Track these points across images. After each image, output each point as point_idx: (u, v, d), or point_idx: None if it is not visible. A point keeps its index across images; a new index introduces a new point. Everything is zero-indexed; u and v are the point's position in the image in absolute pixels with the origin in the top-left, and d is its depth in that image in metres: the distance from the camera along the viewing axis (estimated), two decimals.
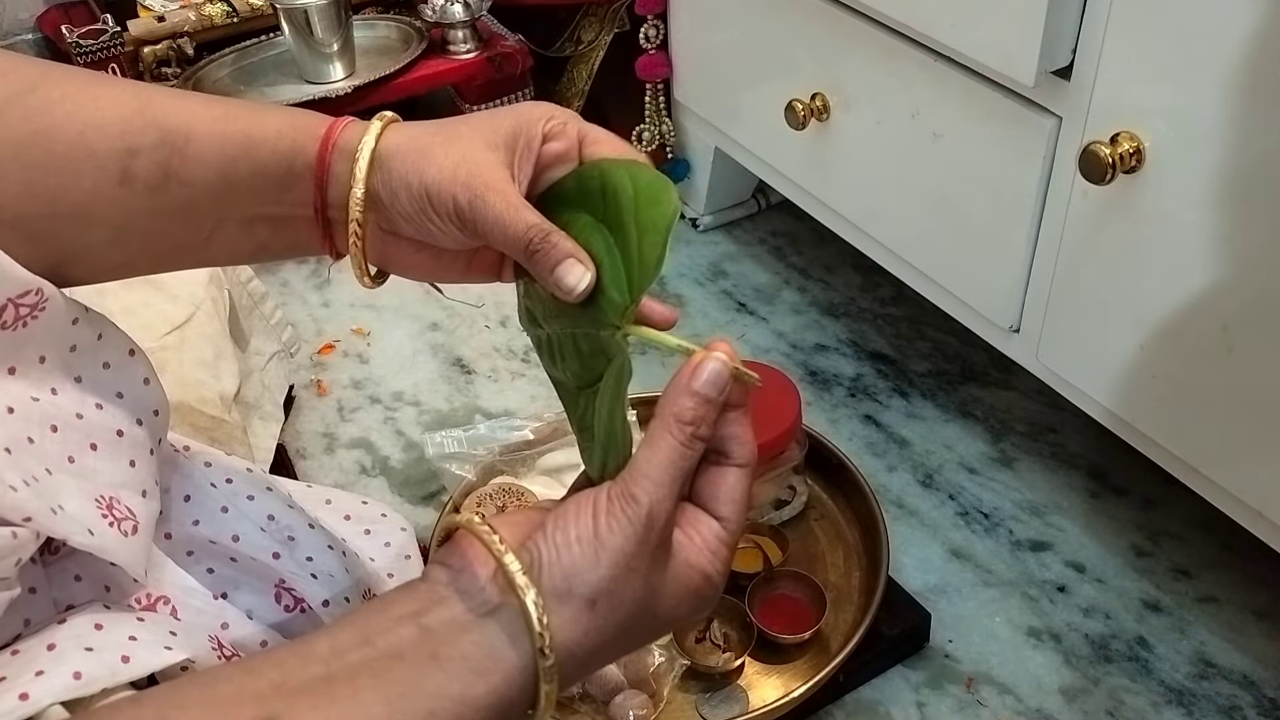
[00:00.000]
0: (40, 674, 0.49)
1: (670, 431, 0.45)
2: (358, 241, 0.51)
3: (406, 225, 0.51)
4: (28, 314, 0.49)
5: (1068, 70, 0.85)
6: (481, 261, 0.55)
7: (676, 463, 0.45)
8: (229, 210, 0.51)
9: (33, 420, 0.51)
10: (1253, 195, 0.74)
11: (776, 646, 0.92)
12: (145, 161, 0.49)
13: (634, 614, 0.45)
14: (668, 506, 0.45)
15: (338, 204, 0.51)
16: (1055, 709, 0.91)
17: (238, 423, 0.86)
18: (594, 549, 0.44)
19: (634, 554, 0.44)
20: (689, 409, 0.45)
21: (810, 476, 1.05)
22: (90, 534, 0.50)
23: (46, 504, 0.49)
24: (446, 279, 0.55)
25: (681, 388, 0.46)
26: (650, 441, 0.46)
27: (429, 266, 0.54)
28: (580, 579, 0.44)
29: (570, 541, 0.45)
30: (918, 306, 1.31)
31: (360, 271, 0.53)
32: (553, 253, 0.48)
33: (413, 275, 0.55)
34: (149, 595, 0.59)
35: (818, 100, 1.10)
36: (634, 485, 0.45)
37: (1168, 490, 1.05)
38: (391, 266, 0.54)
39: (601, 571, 0.44)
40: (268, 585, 0.64)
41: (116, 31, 1.34)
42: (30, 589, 0.54)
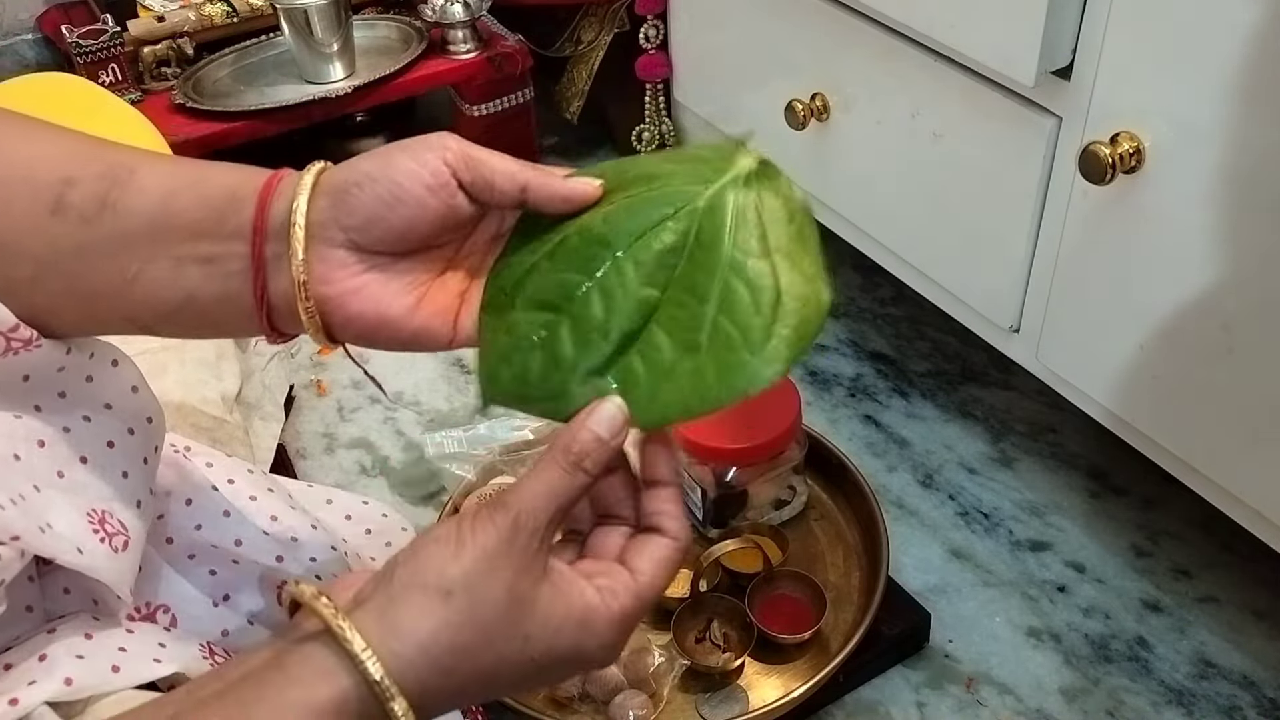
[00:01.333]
0: (32, 684, 0.49)
1: (554, 458, 0.46)
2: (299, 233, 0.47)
3: (366, 191, 0.47)
4: (21, 347, 0.49)
5: (1068, 70, 0.85)
6: (433, 304, 0.50)
7: (553, 484, 0.45)
8: (160, 247, 0.48)
9: (18, 437, 0.50)
10: (1253, 195, 0.74)
11: (776, 646, 0.92)
12: (82, 191, 0.47)
13: (499, 622, 0.44)
14: (540, 520, 0.44)
15: (279, 224, 0.48)
16: (1055, 709, 0.91)
17: (239, 423, 0.86)
18: (454, 545, 0.44)
19: (496, 553, 0.44)
20: (577, 440, 0.46)
21: (810, 476, 1.05)
22: (79, 552, 0.50)
23: (34, 522, 0.48)
24: (393, 327, 0.50)
25: (576, 423, 0.46)
26: (534, 467, 0.46)
27: (375, 295, 0.49)
28: (437, 570, 0.43)
29: (429, 539, 0.45)
30: (918, 306, 1.31)
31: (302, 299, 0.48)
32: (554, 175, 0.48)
33: (357, 310, 0.49)
34: (148, 605, 0.59)
35: (818, 100, 1.10)
36: (505, 496, 0.45)
37: (1168, 490, 1.05)
38: (332, 300, 0.48)
39: (461, 564, 0.43)
40: (270, 587, 0.64)
41: (116, 31, 1.34)
42: (27, 607, 0.54)
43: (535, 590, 0.45)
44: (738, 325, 0.46)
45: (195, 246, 0.48)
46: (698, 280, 0.47)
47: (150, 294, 0.48)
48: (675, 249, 0.47)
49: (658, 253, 0.47)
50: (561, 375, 0.48)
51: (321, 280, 0.48)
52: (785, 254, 0.47)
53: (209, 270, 0.48)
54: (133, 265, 0.48)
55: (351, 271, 0.48)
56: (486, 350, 0.50)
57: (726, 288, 0.47)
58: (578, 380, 0.47)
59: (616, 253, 0.48)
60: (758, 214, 0.48)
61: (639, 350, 0.47)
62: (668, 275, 0.47)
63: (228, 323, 0.50)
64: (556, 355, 0.48)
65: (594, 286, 0.48)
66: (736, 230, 0.48)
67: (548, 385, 0.48)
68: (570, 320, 0.48)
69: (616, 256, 0.48)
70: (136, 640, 0.54)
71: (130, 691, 0.52)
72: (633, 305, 0.47)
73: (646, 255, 0.48)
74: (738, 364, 0.46)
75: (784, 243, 0.48)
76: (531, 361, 0.48)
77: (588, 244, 0.48)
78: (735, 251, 0.47)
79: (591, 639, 0.46)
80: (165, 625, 0.59)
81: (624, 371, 0.47)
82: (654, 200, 0.48)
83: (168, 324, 0.50)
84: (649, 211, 0.48)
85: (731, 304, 0.47)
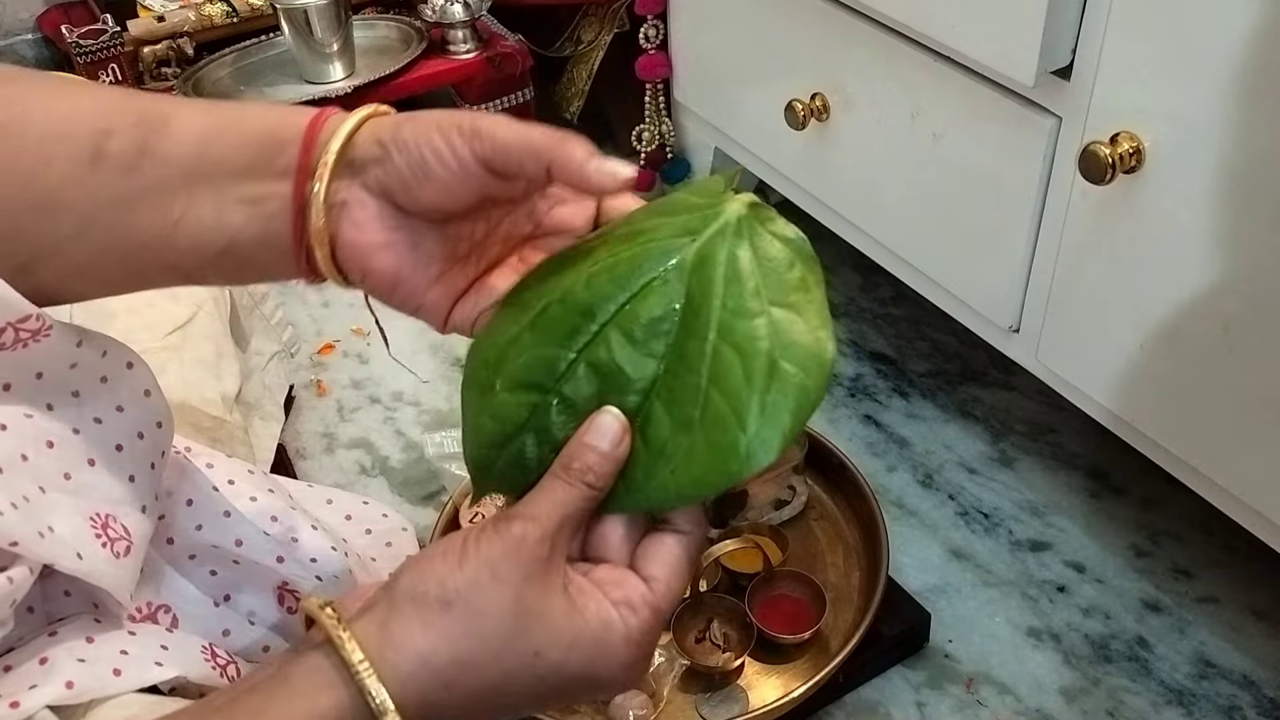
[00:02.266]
0: (34, 687, 0.49)
1: (557, 474, 0.45)
2: (325, 171, 0.47)
3: (404, 159, 0.46)
4: (29, 337, 0.49)
5: (1068, 70, 0.85)
6: (448, 284, 0.50)
7: (558, 497, 0.44)
8: (202, 190, 0.48)
9: (27, 437, 0.50)
10: (1253, 195, 0.74)
11: (776, 646, 0.92)
12: (120, 140, 0.47)
13: (504, 634, 0.43)
14: (545, 527, 0.44)
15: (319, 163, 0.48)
16: (1055, 709, 0.91)
17: (239, 423, 0.86)
18: (458, 556, 0.43)
19: (500, 563, 0.43)
20: (577, 456, 0.45)
21: (810, 476, 1.05)
22: (79, 558, 0.50)
23: (35, 526, 0.48)
24: (407, 290, 0.50)
25: (575, 440, 0.45)
26: (537, 487, 0.45)
27: (399, 257, 0.49)
28: (437, 581, 0.43)
29: (433, 553, 0.44)
30: (918, 306, 1.31)
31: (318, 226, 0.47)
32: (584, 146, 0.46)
33: (377, 267, 0.49)
34: (149, 605, 0.59)
35: (818, 100, 1.10)
36: (510, 511, 0.44)
37: (1168, 490, 1.05)
38: (358, 248, 0.48)
39: (464, 575, 0.43)
40: (270, 587, 0.64)
41: (116, 31, 1.34)
42: (28, 609, 0.54)
43: (545, 602, 0.43)
44: (729, 398, 0.42)
45: (239, 188, 0.48)
46: (689, 348, 0.44)
47: (194, 239, 0.48)
48: (667, 314, 0.44)
49: (648, 321, 0.44)
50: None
51: (355, 225, 0.48)
52: (785, 306, 0.43)
53: (252, 211, 0.48)
54: (175, 210, 0.47)
55: (384, 225, 0.48)
56: (472, 435, 0.47)
57: (716, 355, 0.43)
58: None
59: (601, 322, 0.44)
60: (753, 264, 0.44)
61: (640, 427, 0.44)
62: (665, 343, 0.44)
63: (269, 265, 0.50)
64: (550, 437, 0.45)
65: (579, 361, 0.45)
66: (727, 286, 0.43)
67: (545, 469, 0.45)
68: (559, 400, 0.45)
69: (602, 326, 0.44)
70: (138, 643, 0.54)
71: (131, 695, 0.52)
72: (627, 378, 0.44)
73: (634, 323, 0.44)
74: (729, 444, 0.42)
75: (783, 294, 0.44)
76: (524, 447, 0.46)
77: (569, 313, 0.45)
78: (724, 312, 0.43)
79: (608, 658, 0.44)
80: (166, 626, 0.59)
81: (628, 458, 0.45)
82: (638, 259, 0.44)
83: (210, 270, 0.49)
84: (633, 273, 0.44)
85: (722, 374, 0.43)
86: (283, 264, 0.49)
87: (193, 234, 0.48)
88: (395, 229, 0.48)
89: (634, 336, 0.44)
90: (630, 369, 0.44)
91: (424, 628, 0.42)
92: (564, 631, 0.43)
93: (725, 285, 0.44)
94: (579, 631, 0.44)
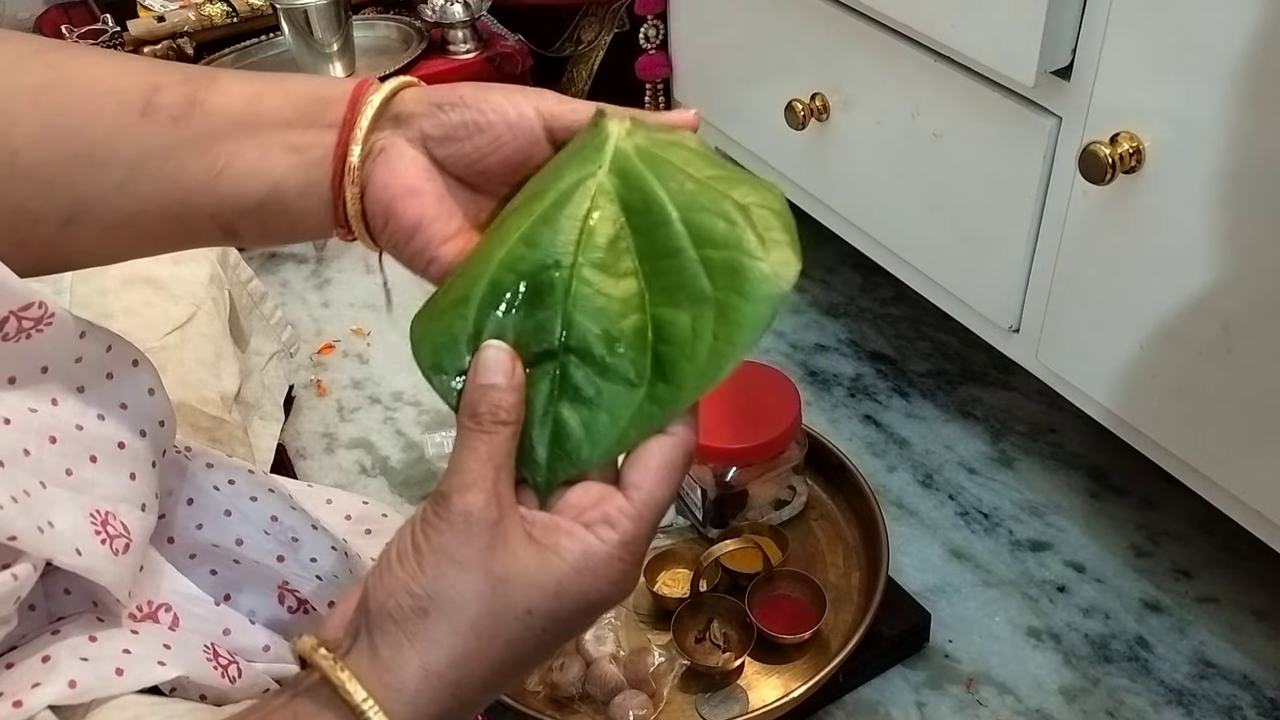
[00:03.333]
0: (37, 686, 0.49)
1: (465, 426, 0.44)
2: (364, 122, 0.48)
3: (453, 113, 0.48)
4: (31, 327, 0.49)
5: (1068, 70, 0.85)
6: (464, 240, 0.50)
7: (479, 449, 0.43)
8: (249, 137, 0.49)
9: (30, 431, 0.50)
10: (1253, 195, 0.74)
11: (776, 646, 0.92)
12: (170, 94, 0.48)
13: (490, 613, 0.42)
14: (483, 491, 0.42)
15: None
16: (1055, 709, 0.91)
17: (238, 423, 0.86)
18: (414, 559, 0.42)
19: (456, 548, 0.42)
20: (481, 400, 0.43)
21: (810, 476, 1.05)
22: (78, 554, 0.50)
23: (34, 521, 0.48)
24: (424, 239, 0.50)
25: (469, 385, 0.44)
26: (454, 445, 0.44)
27: (425, 204, 0.49)
28: (405, 591, 0.42)
29: (391, 560, 0.43)
30: (918, 306, 1.31)
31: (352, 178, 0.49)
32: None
33: (402, 211, 0.49)
34: (150, 603, 0.58)
35: (818, 100, 1.10)
36: (442, 485, 0.43)
37: (1168, 490, 1.06)
38: (389, 189, 0.49)
39: (425, 577, 0.42)
40: (271, 587, 0.64)
41: (116, 31, 1.34)
42: (30, 606, 0.54)
43: (515, 562, 0.42)
44: (726, 247, 0.43)
45: (286, 135, 0.49)
46: (658, 241, 0.44)
47: (236, 186, 0.49)
48: (619, 231, 0.44)
49: (607, 241, 0.44)
50: (610, 414, 0.44)
51: (389, 169, 0.49)
52: (721, 180, 0.44)
53: (295, 159, 0.49)
54: (221, 158, 0.49)
55: (417, 173, 0.49)
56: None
57: (690, 226, 0.43)
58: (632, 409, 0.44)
59: (568, 265, 0.44)
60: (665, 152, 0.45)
61: (657, 341, 0.44)
62: (631, 258, 0.44)
63: (308, 216, 0.50)
64: (585, 398, 0.44)
65: (571, 310, 0.44)
66: (659, 175, 0.44)
67: (601, 432, 0.44)
68: (575, 356, 0.44)
69: (574, 267, 0.44)
70: (141, 642, 0.54)
71: (132, 696, 0.52)
72: (619, 304, 0.44)
73: (597, 252, 0.44)
74: (756, 276, 0.43)
75: (711, 171, 0.45)
76: (570, 423, 0.44)
77: (533, 274, 0.44)
78: (671, 193, 0.44)
79: (598, 582, 0.43)
80: (167, 624, 0.59)
81: (659, 368, 0.44)
82: (559, 202, 0.45)
83: (249, 221, 0.50)
84: (562, 215, 0.45)
85: (705, 235, 0.43)
86: (319, 214, 0.50)
87: (235, 180, 0.49)
88: (427, 179, 0.49)
89: (603, 262, 0.44)
90: (619, 291, 0.44)
91: (410, 641, 0.42)
92: (546, 581, 0.42)
93: (656, 177, 0.44)
94: (561, 573, 0.42)
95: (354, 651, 0.42)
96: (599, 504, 0.44)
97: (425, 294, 0.49)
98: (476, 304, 0.45)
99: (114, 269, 0.81)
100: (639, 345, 0.44)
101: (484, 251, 0.46)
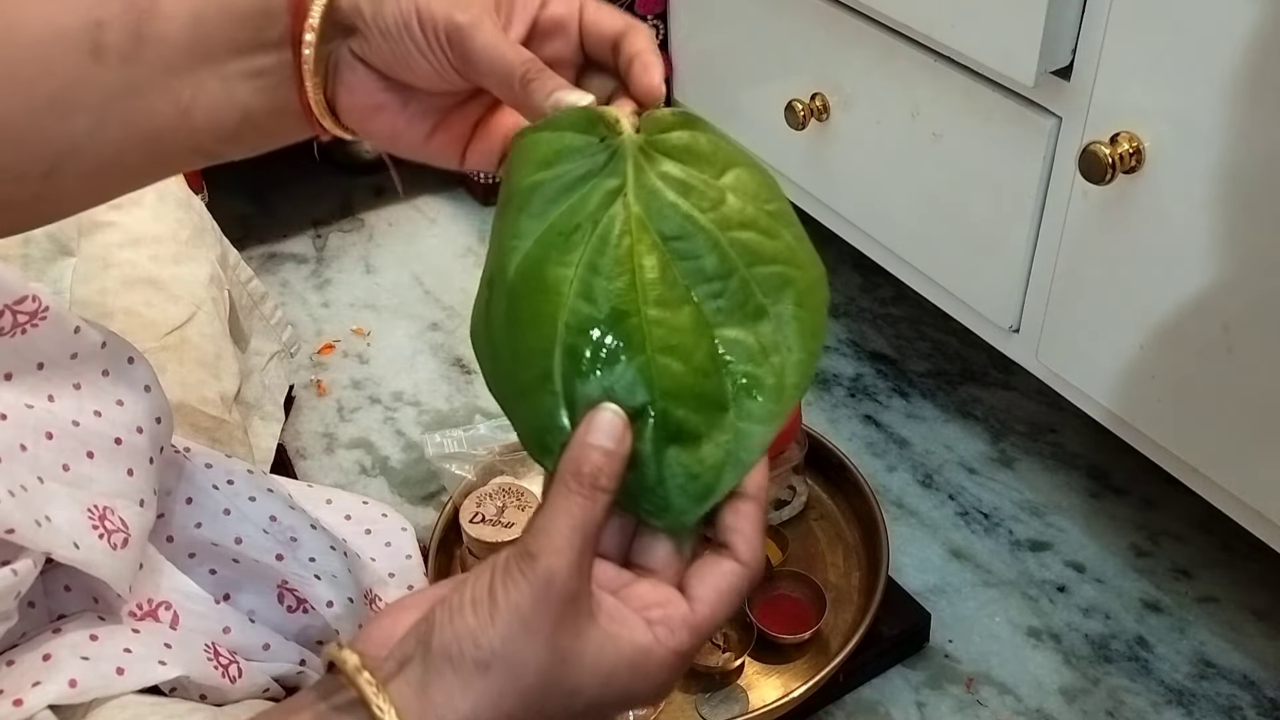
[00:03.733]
0: (37, 684, 0.49)
1: (565, 484, 0.42)
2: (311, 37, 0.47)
3: (383, 44, 0.47)
4: (26, 321, 0.49)
5: (1068, 70, 0.85)
6: (448, 132, 0.51)
7: (575, 514, 0.42)
8: (205, 69, 0.48)
9: (27, 427, 0.50)
10: (1253, 195, 0.74)
11: (776, 646, 0.92)
12: (115, 31, 0.47)
13: (542, 684, 0.42)
14: (569, 560, 0.41)
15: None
16: (1055, 709, 0.91)
17: (238, 423, 0.86)
18: (488, 610, 0.41)
19: (531, 612, 0.41)
20: (581, 460, 0.43)
21: (810, 476, 1.05)
22: (76, 547, 0.50)
23: (32, 515, 0.48)
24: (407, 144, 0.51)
25: (575, 442, 0.43)
26: (548, 500, 0.43)
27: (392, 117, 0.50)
28: (472, 641, 0.41)
29: (464, 604, 0.42)
30: (918, 306, 1.31)
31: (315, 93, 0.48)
32: (549, 81, 0.45)
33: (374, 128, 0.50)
34: (150, 601, 0.59)
35: (818, 100, 1.10)
36: (530, 542, 0.42)
37: (1168, 490, 1.06)
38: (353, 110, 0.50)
39: (495, 632, 0.41)
40: (270, 586, 0.64)
41: None
42: (30, 604, 0.54)
43: (580, 642, 0.42)
44: (774, 260, 0.44)
45: (240, 63, 0.48)
46: (706, 264, 0.44)
47: (210, 118, 0.49)
48: (663, 258, 0.44)
49: (658, 274, 0.44)
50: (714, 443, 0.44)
51: (348, 89, 0.49)
52: (737, 167, 0.45)
53: (259, 84, 0.49)
54: (185, 93, 0.48)
55: (372, 89, 0.49)
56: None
57: (735, 245, 0.44)
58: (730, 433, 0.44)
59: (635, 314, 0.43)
60: (685, 169, 0.45)
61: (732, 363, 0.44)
62: (681, 284, 0.44)
63: (286, 130, 0.51)
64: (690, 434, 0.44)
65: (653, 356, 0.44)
66: (688, 195, 0.44)
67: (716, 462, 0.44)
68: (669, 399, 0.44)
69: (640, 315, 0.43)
70: (141, 642, 0.54)
71: (132, 695, 0.52)
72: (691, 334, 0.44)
73: (653, 289, 0.44)
74: (811, 281, 0.45)
75: (725, 161, 0.45)
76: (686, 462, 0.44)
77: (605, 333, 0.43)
78: (703, 215, 0.44)
79: (643, 681, 0.43)
80: (167, 623, 0.59)
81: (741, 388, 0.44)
82: (599, 247, 0.44)
83: (231, 145, 0.50)
84: (607, 259, 0.43)
85: (750, 252, 0.44)
86: (302, 125, 0.50)
87: (207, 113, 0.49)
88: (383, 90, 0.49)
89: (663, 301, 0.44)
90: (686, 323, 0.44)
91: (464, 690, 0.41)
92: (599, 667, 0.42)
93: (682, 195, 0.44)
94: (614, 663, 0.42)
95: (398, 680, 0.41)
96: (664, 604, 0.44)
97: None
98: (560, 377, 0.44)
99: (114, 270, 0.81)
100: (716, 371, 0.44)
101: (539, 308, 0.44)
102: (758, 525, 0.45)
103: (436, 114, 0.50)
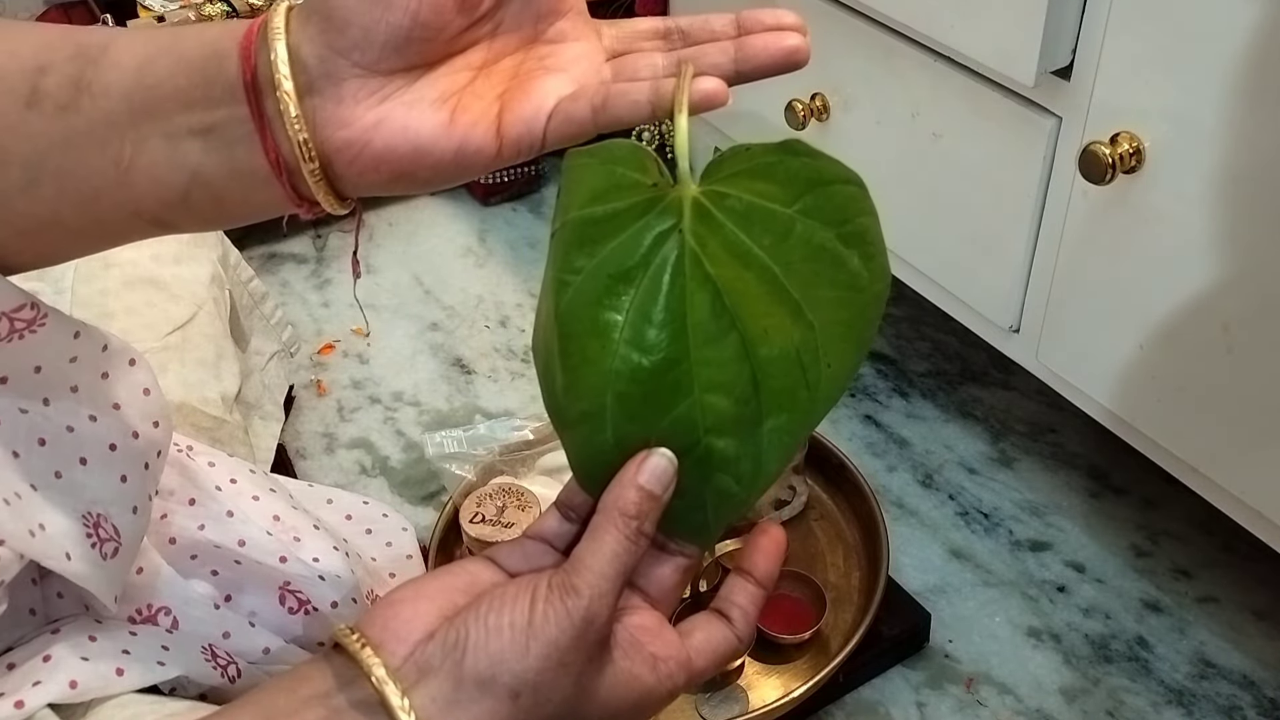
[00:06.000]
0: (37, 684, 0.49)
1: (615, 524, 0.43)
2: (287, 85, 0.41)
3: (354, 18, 0.41)
4: (24, 327, 0.48)
5: (1068, 70, 0.85)
6: (471, 107, 0.44)
7: (620, 556, 0.43)
8: (148, 124, 0.43)
9: (19, 433, 0.50)
10: (1253, 195, 0.74)
11: (776, 646, 0.92)
12: (56, 77, 0.43)
13: (560, 714, 0.43)
14: (609, 603, 0.43)
15: (269, 76, 0.41)
16: (1055, 709, 0.91)
17: (239, 423, 0.86)
18: (525, 637, 0.42)
19: (568, 649, 0.42)
20: (633, 502, 0.43)
21: (810, 476, 1.05)
22: (68, 558, 0.49)
23: (25, 525, 0.48)
24: (429, 147, 0.43)
25: (626, 481, 0.44)
26: (594, 534, 0.43)
27: (402, 121, 0.43)
28: (506, 668, 0.41)
29: (503, 626, 0.42)
30: (918, 306, 1.31)
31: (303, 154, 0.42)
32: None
33: (388, 159, 0.43)
34: (149, 606, 0.59)
35: (818, 100, 1.10)
36: (576, 576, 0.42)
37: (1168, 490, 1.06)
38: (357, 145, 0.42)
39: (530, 662, 0.41)
40: (272, 588, 0.64)
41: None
42: (30, 610, 0.54)
43: (599, 678, 0.44)
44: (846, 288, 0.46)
45: (187, 117, 0.43)
46: (761, 295, 0.44)
47: (151, 180, 0.44)
48: (714, 295, 0.44)
49: (708, 314, 0.44)
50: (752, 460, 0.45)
51: (337, 125, 0.42)
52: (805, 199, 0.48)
53: (208, 142, 0.43)
54: (125, 150, 0.43)
55: (369, 104, 0.42)
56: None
57: (799, 276, 0.45)
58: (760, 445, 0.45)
59: (685, 360, 0.43)
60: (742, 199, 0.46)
61: (788, 386, 0.44)
62: (728, 316, 0.44)
63: (247, 199, 0.45)
64: (730, 458, 0.45)
65: (701, 397, 0.44)
66: (748, 226, 0.45)
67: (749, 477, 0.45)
68: (713, 434, 0.44)
69: (690, 360, 0.43)
70: (140, 642, 0.54)
71: (132, 695, 0.52)
72: (734, 365, 0.44)
73: (703, 330, 0.44)
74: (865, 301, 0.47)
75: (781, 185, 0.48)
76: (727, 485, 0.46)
77: (654, 381, 0.44)
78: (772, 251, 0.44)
79: (638, 712, 0.45)
80: (166, 628, 0.59)
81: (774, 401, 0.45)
82: (651, 290, 0.43)
83: (179, 212, 0.45)
84: (659, 306, 0.43)
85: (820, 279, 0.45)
86: (263, 194, 0.44)
87: (148, 175, 0.44)
88: (382, 100, 0.43)
89: (711, 338, 0.44)
90: (730, 355, 0.44)
91: (491, 714, 0.42)
92: (610, 700, 0.44)
93: (741, 227, 0.45)
94: (623, 697, 0.44)
95: (421, 688, 0.41)
96: (667, 645, 0.46)
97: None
98: (610, 420, 0.44)
99: (115, 270, 0.81)
100: (755, 395, 0.44)
101: (587, 351, 0.44)
102: (758, 608, 0.48)
103: (450, 98, 0.44)
